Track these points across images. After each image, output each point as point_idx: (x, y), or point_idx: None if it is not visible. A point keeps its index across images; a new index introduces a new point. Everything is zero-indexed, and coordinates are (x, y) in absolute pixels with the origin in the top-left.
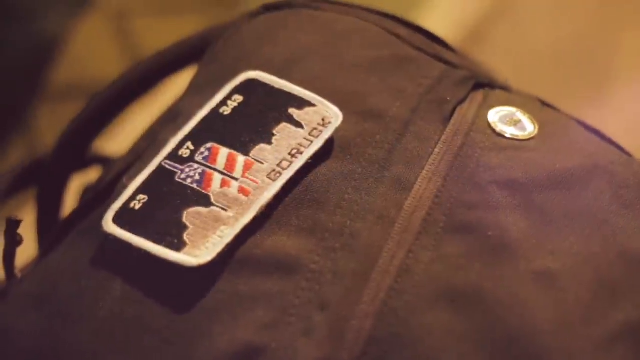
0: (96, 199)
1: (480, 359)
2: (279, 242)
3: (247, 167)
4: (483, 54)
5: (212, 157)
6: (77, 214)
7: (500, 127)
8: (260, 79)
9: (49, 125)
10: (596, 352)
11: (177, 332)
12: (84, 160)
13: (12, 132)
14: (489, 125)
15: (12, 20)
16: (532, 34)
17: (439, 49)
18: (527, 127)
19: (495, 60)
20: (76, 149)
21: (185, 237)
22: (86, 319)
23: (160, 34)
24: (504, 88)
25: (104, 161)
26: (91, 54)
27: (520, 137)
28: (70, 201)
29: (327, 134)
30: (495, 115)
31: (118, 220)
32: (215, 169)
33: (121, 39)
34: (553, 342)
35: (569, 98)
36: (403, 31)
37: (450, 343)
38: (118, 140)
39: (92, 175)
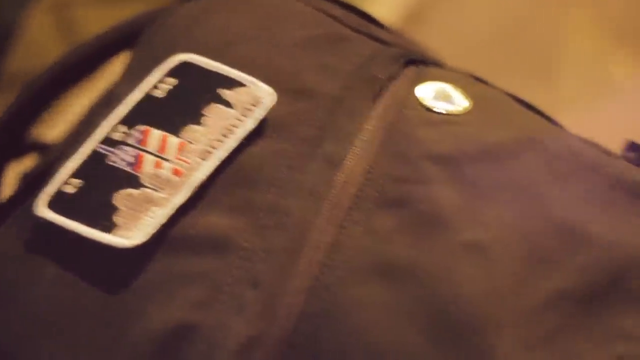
0: (32, 185)
1: (412, 331)
2: (212, 221)
3: (179, 149)
4: (426, 35)
5: (144, 139)
6: (14, 201)
7: (431, 102)
8: (193, 61)
9: None
10: (527, 321)
11: (111, 314)
12: (20, 147)
13: None
14: (420, 101)
15: None
16: (474, 14)
17: (373, 29)
18: (460, 102)
19: (438, 42)
20: (12, 136)
21: (116, 218)
22: (21, 303)
23: (103, 24)
24: (438, 64)
25: (41, 148)
26: (32, 44)
27: (453, 112)
28: (7, 189)
29: (259, 113)
30: (427, 91)
31: (51, 204)
32: (147, 151)
33: (63, 29)
34: (484, 313)
35: (512, 78)
36: (338, 12)
37: (382, 316)
38: (56, 126)
39: (29, 162)
